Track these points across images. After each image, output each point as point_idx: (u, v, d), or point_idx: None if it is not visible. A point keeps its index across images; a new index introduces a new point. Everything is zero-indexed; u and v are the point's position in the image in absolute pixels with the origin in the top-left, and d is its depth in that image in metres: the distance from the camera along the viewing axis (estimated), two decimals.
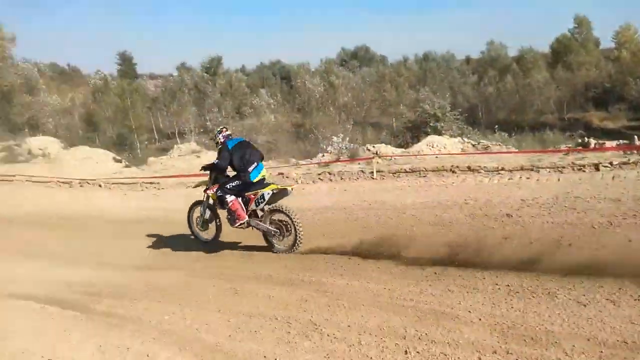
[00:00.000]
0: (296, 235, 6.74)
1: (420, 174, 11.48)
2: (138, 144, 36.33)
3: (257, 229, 7.07)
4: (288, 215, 6.78)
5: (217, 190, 7.12)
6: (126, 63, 61.92)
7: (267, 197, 6.92)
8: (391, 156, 14.03)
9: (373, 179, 11.80)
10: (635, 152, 10.89)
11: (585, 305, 4.31)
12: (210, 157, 16.62)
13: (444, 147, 14.75)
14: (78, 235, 9.39)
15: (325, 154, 16.40)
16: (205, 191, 7.37)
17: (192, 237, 7.87)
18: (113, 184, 13.96)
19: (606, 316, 4.09)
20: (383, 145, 16.47)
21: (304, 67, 54.62)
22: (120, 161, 18.54)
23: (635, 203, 7.21)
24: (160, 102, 45.41)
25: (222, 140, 7.20)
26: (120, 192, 13.04)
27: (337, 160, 14.57)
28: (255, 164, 7.02)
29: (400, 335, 4.23)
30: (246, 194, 7.00)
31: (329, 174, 12.43)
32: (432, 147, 15.12)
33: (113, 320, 5.21)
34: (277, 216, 6.93)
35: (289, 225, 6.81)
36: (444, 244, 6.33)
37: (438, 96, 36.35)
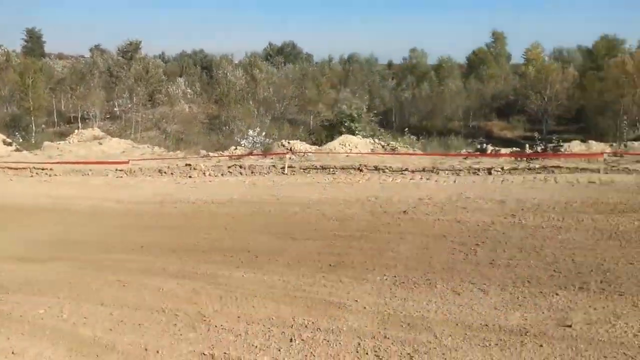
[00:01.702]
0: None
1: (329, 171, 11.72)
2: (34, 127, 33.29)
3: None
4: None
5: None
6: (33, 40, 57.15)
7: None
8: (304, 153, 14.15)
9: (284, 174, 11.84)
10: (524, 159, 11.94)
11: (459, 294, 4.65)
12: (114, 144, 15.72)
13: (356, 147, 15.14)
14: None
15: (238, 147, 16.15)
16: None
17: None
18: None
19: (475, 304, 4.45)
20: (298, 141, 16.52)
21: (227, 59, 53.51)
22: (10, 144, 16.94)
23: (517, 205, 7.87)
24: (67, 84, 42.13)
25: None
26: (6, 178, 11.89)
27: (250, 154, 14.42)
28: None
29: (288, 325, 4.28)
30: None
31: (240, 167, 12.27)
32: (345, 146, 15.45)
33: None
34: None
35: None
36: (343, 237, 6.56)
37: (357, 97, 37.38)
